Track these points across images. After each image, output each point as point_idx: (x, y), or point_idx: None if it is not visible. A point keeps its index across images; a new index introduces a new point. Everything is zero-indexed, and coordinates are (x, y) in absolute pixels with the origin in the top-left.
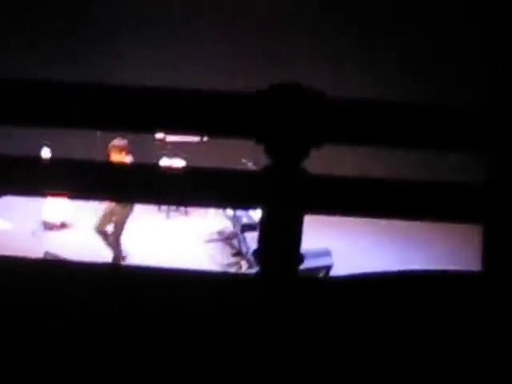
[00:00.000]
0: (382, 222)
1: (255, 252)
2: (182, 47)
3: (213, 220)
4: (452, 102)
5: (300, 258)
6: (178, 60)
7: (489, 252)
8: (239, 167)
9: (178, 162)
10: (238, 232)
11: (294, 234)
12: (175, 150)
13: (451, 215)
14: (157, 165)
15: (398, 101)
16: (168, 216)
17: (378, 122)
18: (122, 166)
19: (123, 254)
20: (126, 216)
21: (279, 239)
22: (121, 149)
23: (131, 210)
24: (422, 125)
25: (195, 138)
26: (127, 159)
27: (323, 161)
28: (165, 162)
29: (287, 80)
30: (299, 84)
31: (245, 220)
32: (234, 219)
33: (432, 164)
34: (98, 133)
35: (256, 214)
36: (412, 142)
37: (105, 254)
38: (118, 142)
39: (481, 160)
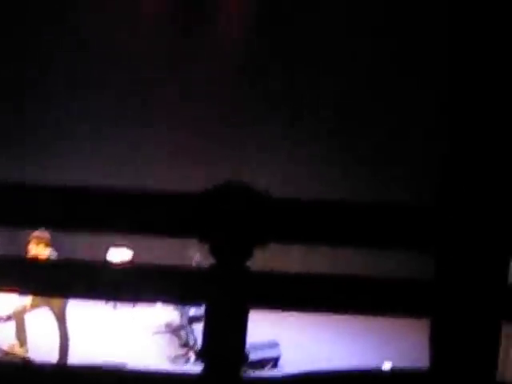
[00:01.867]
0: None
1: (199, 350)
2: (131, 143)
3: (160, 312)
4: (394, 199)
5: (245, 357)
6: (127, 156)
7: (436, 348)
8: (186, 261)
9: (126, 253)
10: (186, 324)
11: (239, 332)
12: (123, 241)
13: (397, 309)
14: (100, 261)
15: (341, 200)
16: (115, 307)
17: (322, 221)
18: (67, 263)
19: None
20: (65, 302)
21: (223, 337)
22: (41, 241)
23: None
24: (366, 224)
25: None
26: (46, 252)
27: (269, 256)
28: (112, 252)
29: (232, 179)
30: (243, 183)
31: (192, 312)
32: (182, 311)
33: (378, 258)
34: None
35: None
36: (356, 241)
37: (51, 348)
38: (40, 233)
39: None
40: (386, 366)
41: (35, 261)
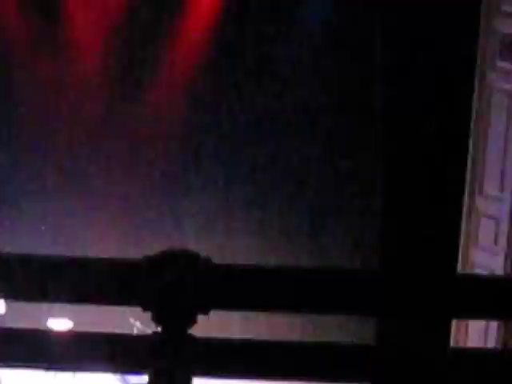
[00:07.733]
0: None
1: None
2: (67, 210)
3: (101, 378)
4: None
5: None
6: (62, 224)
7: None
8: (127, 330)
9: (65, 323)
10: None
11: None
12: (62, 312)
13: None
14: (40, 329)
15: (283, 266)
16: (55, 376)
17: (263, 287)
18: (4, 331)
19: None
20: None
21: None
22: None
23: None
24: (308, 289)
25: None
26: None
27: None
28: (51, 323)
29: (173, 247)
30: (184, 251)
31: (134, 380)
32: (123, 379)
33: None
34: None
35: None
36: (298, 306)
37: None
38: None
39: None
40: None
41: None
